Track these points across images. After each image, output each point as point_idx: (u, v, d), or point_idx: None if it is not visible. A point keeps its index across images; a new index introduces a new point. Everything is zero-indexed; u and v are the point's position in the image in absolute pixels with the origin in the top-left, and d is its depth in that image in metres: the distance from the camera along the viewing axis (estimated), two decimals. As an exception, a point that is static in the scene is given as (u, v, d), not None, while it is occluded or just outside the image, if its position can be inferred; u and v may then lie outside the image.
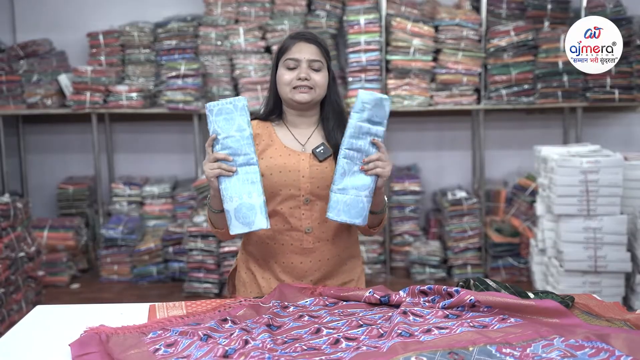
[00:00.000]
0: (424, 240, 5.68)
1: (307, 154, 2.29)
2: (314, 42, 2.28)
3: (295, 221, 2.27)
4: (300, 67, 2.26)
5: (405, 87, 5.40)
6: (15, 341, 1.96)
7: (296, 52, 2.27)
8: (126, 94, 5.49)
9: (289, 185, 2.25)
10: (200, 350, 1.73)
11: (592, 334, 1.71)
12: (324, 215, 2.24)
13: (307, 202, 2.26)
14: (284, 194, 2.26)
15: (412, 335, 1.78)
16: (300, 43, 2.27)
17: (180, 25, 5.61)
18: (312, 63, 2.26)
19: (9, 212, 4.22)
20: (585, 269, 4.22)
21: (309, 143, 2.33)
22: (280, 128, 2.36)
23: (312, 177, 2.26)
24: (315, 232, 2.28)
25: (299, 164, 2.27)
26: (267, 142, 2.32)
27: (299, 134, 2.35)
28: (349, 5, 5.50)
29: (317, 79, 2.27)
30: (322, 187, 2.25)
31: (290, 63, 2.27)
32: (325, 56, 2.30)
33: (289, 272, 2.31)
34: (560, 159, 4.25)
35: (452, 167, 6.05)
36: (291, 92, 2.27)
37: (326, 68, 2.31)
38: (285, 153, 2.29)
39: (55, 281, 5.42)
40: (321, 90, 2.29)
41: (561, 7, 5.44)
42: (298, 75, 2.25)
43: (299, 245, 2.28)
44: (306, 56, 2.26)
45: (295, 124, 2.36)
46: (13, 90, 5.61)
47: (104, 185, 5.92)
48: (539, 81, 5.35)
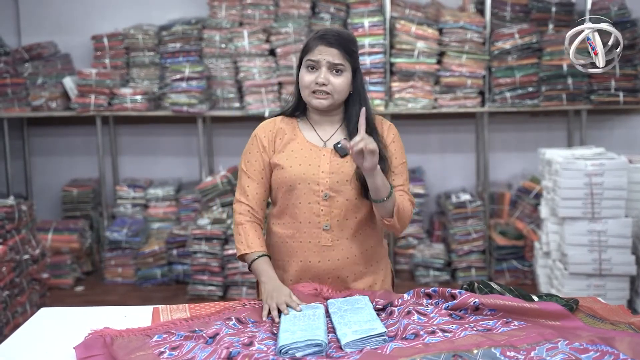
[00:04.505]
0: (428, 243, 5.67)
1: (329, 150, 2.29)
2: (337, 46, 2.23)
3: (313, 217, 2.25)
4: (320, 70, 2.23)
5: (409, 90, 5.40)
6: (20, 343, 1.97)
7: (317, 53, 2.24)
8: (130, 96, 5.50)
9: (307, 179, 2.24)
10: (204, 352, 1.73)
11: (597, 337, 1.71)
12: (343, 212, 2.24)
13: (326, 197, 2.24)
14: (303, 188, 2.25)
15: (417, 336, 1.78)
16: (322, 45, 2.24)
17: (184, 28, 5.62)
18: (332, 66, 2.23)
19: (13, 215, 4.23)
20: (589, 272, 4.21)
21: (331, 140, 2.32)
22: (304, 124, 2.37)
23: (331, 172, 2.25)
24: (334, 230, 2.25)
25: (320, 159, 2.27)
26: (290, 136, 2.32)
27: (322, 131, 2.34)
28: (353, 8, 5.50)
29: (337, 83, 2.24)
30: (342, 182, 2.24)
31: (310, 64, 2.25)
32: (348, 59, 2.25)
33: (306, 271, 2.27)
34: (564, 162, 4.24)
35: (456, 170, 6.05)
36: (309, 96, 2.27)
37: (350, 70, 2.26)
38: (306, 147, 2.29)
39: (59, 283, 5.43)
40: (340, 95, 2.26)
41: (565, 10, 5.43)
42: (317, 79, 2.23)
43: (317, 242, 2.26)
44: (327, 58, 2.23)
45: (319, 122, 2.35)
46: (18, 93, 5.62)
47: (108, 187, 5.92)
48: (543, 84, 5.34)
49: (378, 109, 5.37)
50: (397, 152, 2.36)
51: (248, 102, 5.45)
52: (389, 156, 2.31)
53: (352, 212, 2.27)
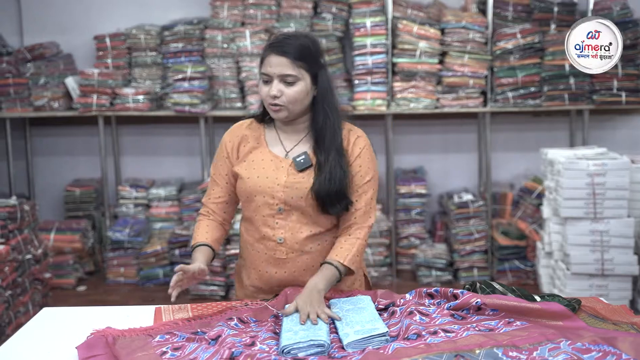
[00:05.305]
0: (430, 243, 5.67)
1: (289, 162, 2.22)
2: (288, 54, 2.13)
3: (268, 230, 2.22)
4: (272, 83, 2.15)
5: (411, 90, 5.39)
6: (22, 343, 1.97)
7: (267, 65, 2.15)
8: (133, 96, 5.50)
9: (264, 192, 2.20)
10: (206, 352, 1.73)
11: (599, 337, 1.70)
12: (298, 226, 2.20)
13: (281, 211, 2.20)
14: (259, 200, 2.21)
15: (419, 337, 1.78)
16: (272, 56, 2.15)
17: (186, 28, 5.62)
18: (283, 77, 2.14)
19: (16, 215, 4.23)
20: (592, 272, 4.21)
21: (294, 150, 2.25)
22: (270, 131, 2.31)
23: (286, 187, 2.19)
24: (288, 243, 2.21)
25: (278, 171, 2.21)
26: (254, 144, 2.28)
27: (287, 139, 2.27)
28: (355, 8, 5.49)
29: (290, 94, 2.15)
30: (297, 197, 2.18)
31: (264, 77, 2.18)
32: (303, 65, 2.15)
33: (266, 281, 2.26)
34: (566, 162, 4.23)
35: (459, 170, 6.04)
36: (268, 108, 2.21)
37: (307, 77, 2.16)
38: (268, 158, 2.24)
39: (61, 283, 5.43)
40: (296, 106, 2.17)
41: (567, 10, 5.42)
42: (270, 92, 2.15)
43: (272, 255, 2.23)
44: (276, 71, 2.13)
45: (285, 130, 2.28)
46: (20, 93, 5.63)
47: (111, 187, 5.92)
48: (546, 84, 5.34)
49: (380, 109, 5.37)
50: (362, 168, 2.24)
51: (250, 102, 5.45)
52: (353, 174, 2.23)
53: (307, 226, 2.22)
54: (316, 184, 2.17)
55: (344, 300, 2.09)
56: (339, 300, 2.10)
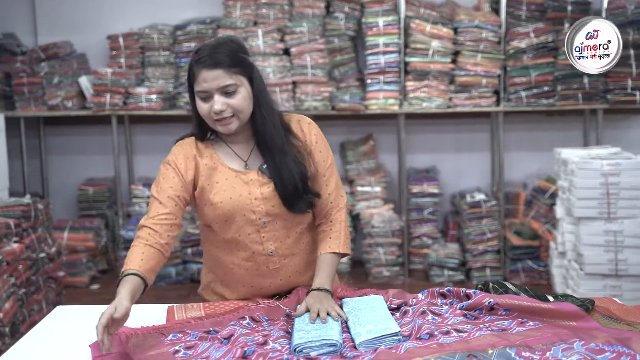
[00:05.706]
0: (443, 243, 5.66)
1: (254, 172, 2.15)
2: (219, 65, 2.03)
3: (256, 246, 2.15)
4: (213, 99, 2.05)
5: (424, 89, 5.39)
6: (36, 341, 1.98)
7: (202, 82, 2.04)
8: (146, 95, 5.52)
9: (242, 211, 2.11)
10: (219, 351, 1.74)
11: (613, 337, 1.69)
12: (285, 232, 2.17)
13: (265, 224, 2.14)
14: (239, 221, 2.13)
15: (432, 336, 1.78)
16: (204, 71, 2.03)
17: (199, 28, 5.63)
18: (223, 89, 2.04)
19: (30, 213, 4.26)
20: (605, 272, 4.19)
21: (251, 158, 2.18)
22: (219, 147, 2.20)
23: (264, 198, 2.12)
24: (280, 251, 2.18)
25: (248, 186, 2.13)
26: (210, 165, 2.16)
27: (239, 149, 2.19)
28: (367, 8, 5.49)
29: (236, 103, 2.06)
30: (277, 205, 2.13)
31: (201, 94, 2.07)
32: (238, 71, 2.06)
33: (257, 292, 2.22)
34: (580, 162, 4.22)
35: (471, 170, 6.02)
36: (214, 124, 2.10)
37: (245, 81, 2.08)
38: (231, 176, 2.14)
39: (75, 282, 5.46)
40: (245, 113, 2.09)
41: (581, 9, 5.39)
42: (213, 108, 2.05)
43: (265, 268, 2.18)
44: (214, 85, 2.03)
45: (233, 141, 2.19)
46: (34, 92, 5.66)
47: (124, 186, 5.95)
48: (559, 83, 5.31)
49: (392, 109, 5.36)
50: (323, 153, 2.21)
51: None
52: (317, 161, 2.20)
53: (293, 229, 2.20)
54: (279, 186, 2.12)
55: (357, 300, 2.09)
56: (351, 299, 2.10)
